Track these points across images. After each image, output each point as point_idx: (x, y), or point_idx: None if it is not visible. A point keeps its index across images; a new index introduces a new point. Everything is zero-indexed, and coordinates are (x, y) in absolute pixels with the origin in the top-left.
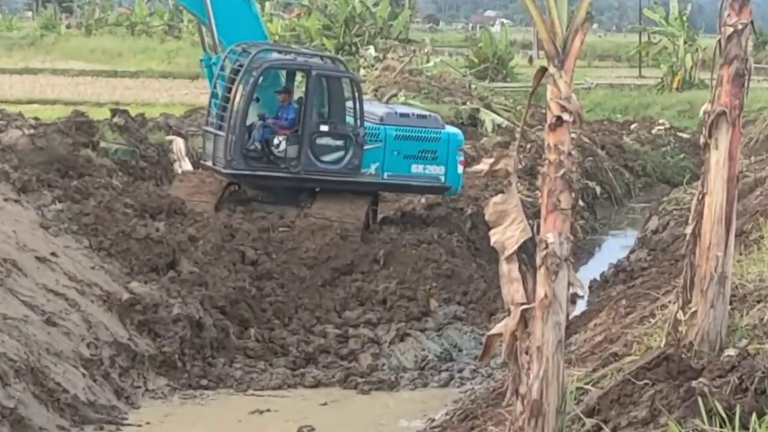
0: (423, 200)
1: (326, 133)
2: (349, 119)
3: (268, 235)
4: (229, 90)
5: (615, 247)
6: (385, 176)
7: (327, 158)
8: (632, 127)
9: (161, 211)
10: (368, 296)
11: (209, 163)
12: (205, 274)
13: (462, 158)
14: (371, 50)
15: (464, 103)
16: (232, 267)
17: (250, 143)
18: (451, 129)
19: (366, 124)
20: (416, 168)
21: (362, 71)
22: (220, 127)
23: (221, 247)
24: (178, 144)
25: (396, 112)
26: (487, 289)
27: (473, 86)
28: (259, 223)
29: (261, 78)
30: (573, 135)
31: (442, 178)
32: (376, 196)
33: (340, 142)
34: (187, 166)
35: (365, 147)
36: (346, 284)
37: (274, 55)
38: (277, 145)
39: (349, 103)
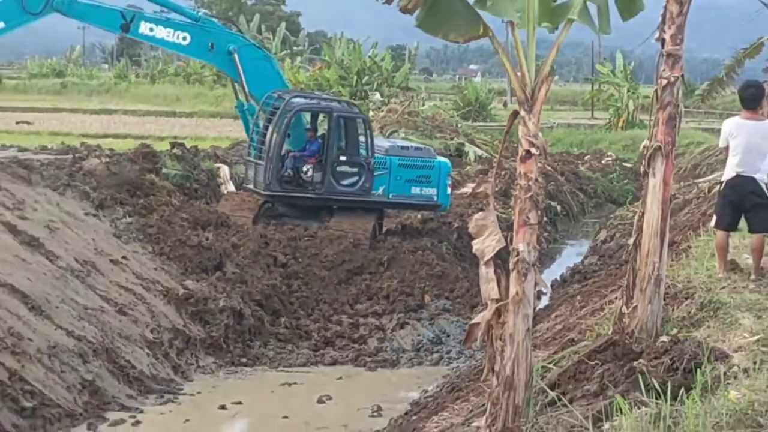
0: (419, 215)
1: (344, 162)
2: (362, 151)
3: (295, 243)
4: (267, 127)
5: (572, 254)
6: (390, 196)
7: (345, 182)
8: (586, 158)
9: (210, 224)
10: (375, 292)
11: (251, 186)
12: (245, 274)
13: (450, 182)
14: (378, 96)
15: (452, 139)
16: (266, 268)
17: (284, 170)
18: (441, 159)
19: (375, 155)
20: (414, 190)
21: (371, 113)
22: (259, 157)
23: (258, 252)
24: (224, 170)
25: (398, 146)
26: (470, 287)
27: (459, 125)
28: (288, 234)
29: (294, 118)
30: (539, 165)
31: (435, 198)
32: (382, 212)
33: (355, 169)
34: (231, 187)
35: (375, 173)
36: (357, 283)
37: (303, 101)
38: (306, 172)
39: (362, 138)
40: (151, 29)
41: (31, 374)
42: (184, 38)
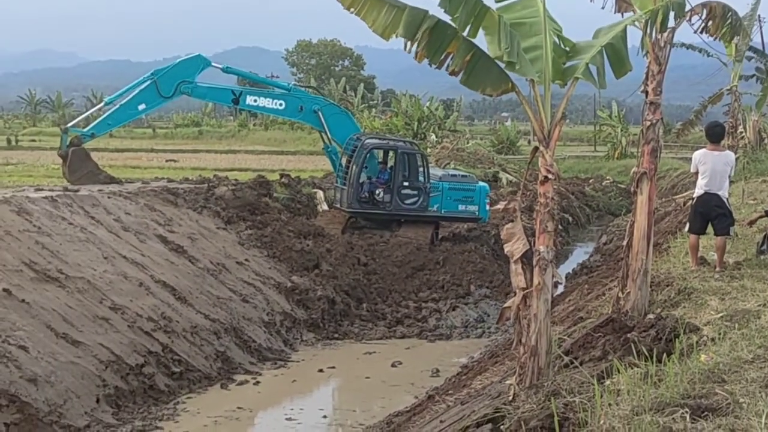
0: (465, 226)
1: (407, 186)
2: (421, 178)
3: (373, 247)
4: (349, 161)
5: (580, 254)
6: (443, 212)
7: (407, 201)
8: (590, 181)
9: (310, 234)
10: (433, 284)
11: (338, 206)
12: (336, 271)
13: (488, 201)
14: (433, 137)
15: (489, 168)
16: (352, 267)
17: (363, 193)
18: (481, 183)
19: (431, 181)
20: (461, 207)
21: (428, 149)
22: (344, 184)
23: (345, 255)
24: (320, 194)
25: (449, 174)
26: (504, 279)
27: (495, 158)
28: (368, 240)
29: (368, 154)
30: (554, 186)
31: (477, 213)
32: (438, 224)
33: (415, 192)
34: (325, 207)
35: (431, 195)
36: (419, 276)
37: (376, 141)
38: (378, 195)
39: (421, 169)
40: (255, 100)
41: (178, 347)
42: (281, 104)
